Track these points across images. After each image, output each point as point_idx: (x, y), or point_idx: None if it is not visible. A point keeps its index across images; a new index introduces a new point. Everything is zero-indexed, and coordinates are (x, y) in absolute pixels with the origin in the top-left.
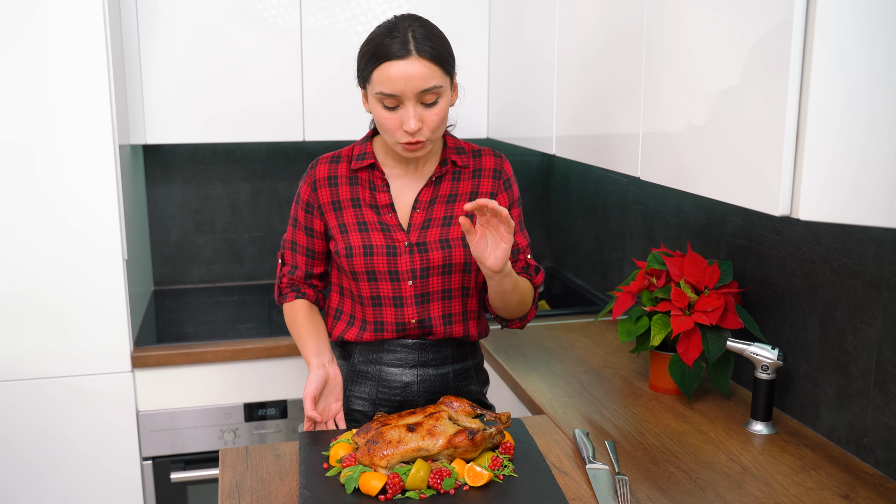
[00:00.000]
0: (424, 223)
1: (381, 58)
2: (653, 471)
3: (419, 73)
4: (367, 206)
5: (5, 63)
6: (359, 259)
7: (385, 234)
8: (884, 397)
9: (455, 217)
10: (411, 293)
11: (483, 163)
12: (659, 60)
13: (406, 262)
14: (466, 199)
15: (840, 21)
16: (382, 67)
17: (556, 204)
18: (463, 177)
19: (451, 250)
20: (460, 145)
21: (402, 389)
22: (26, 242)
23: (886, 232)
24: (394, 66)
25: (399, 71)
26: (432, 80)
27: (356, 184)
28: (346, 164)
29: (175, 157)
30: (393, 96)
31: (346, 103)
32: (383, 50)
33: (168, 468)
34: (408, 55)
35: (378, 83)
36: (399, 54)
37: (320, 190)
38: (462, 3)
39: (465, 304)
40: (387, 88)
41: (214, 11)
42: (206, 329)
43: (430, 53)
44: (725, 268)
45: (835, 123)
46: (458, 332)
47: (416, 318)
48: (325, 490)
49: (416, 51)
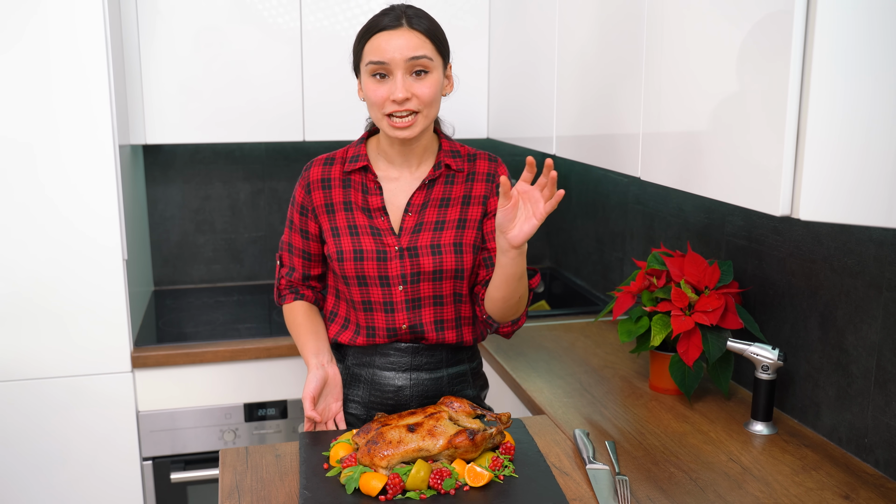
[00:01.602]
0: (416, 227)
1: (372, 30)
2: (653, 471)
3: (409, 42)
4: (359, 210)
5: (5, 63)
6: (349, 263)
7: (375, 238)
8: (884, 397)
9: (448, 221)
10: (402, 298)
11: (478, 167)
12: (659, 60)
13: (396, 266)
14: (459, 203)
15: (840, 21)
16: (373, 38)
17: None
18: (457, 180)
19: (442, 256)
20: (456, 148)
21: (394, 393)
22: (26, 242)
23: (887, 232)
24: (384, 35)
25: (389, 39)
26: (422, 49)
27: (349, 186)
28: (340, 166)
29: (175, 157)
30: (382, 63)
31: (347, 103)
32: (375, 23)
33: (168, 468)
34: (399, 26)
35: (368, 53)
36: (390, 26)
37: (314, 192)
38: (462, 3)
39: (458, 310)
40: (376, 56)
41: (214, 11)
42: (206, 329)
43: (422, 27)
44: (726, 268)
45: (835, 123)
46: (452, 338)
47: (407, 324)
48: (325, 490)
49: (408, 23)
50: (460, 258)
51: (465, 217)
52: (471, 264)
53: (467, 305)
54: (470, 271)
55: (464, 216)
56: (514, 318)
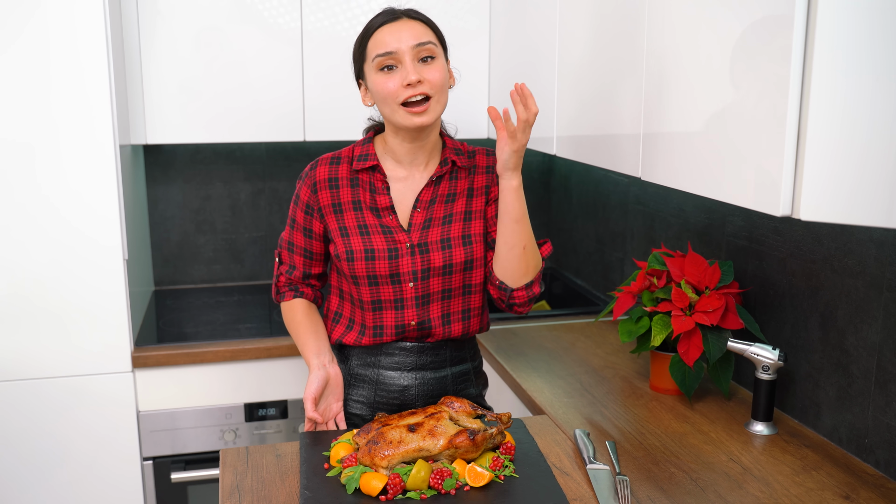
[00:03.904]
0: (425, 223)
1: (372, 28)
2: (653, 471)
3: (411, 30)
4: (368, 209)
5: (5, 63)
6: (360, 263)
7: (386, 236)
8: (885, 398)
9: (454, 214)
10: (412, 295)
11: (477, 161)
12: (660, 60)
13: (408, 263)
14: (464, 196)
15: (841, 21)
16: (376, 34)
17: (556, 204)
18: (460, 175)
19: (452, 251)
20: (458, 146)
21: (400, 393)
22: (27, 242)
23: (887, 232)
24: (386, 28)
25: (392, 30)
26: (426, 35)
27: (357, 185)
28: (347, 165)
29: (175, 157)
30: (389, 53)
31: (347, 103)
32: (373, 22)
33: (168, 468)
34: (399, 18)
35: (373, 49)
36: (390, 19)
37: (321, 192)
38: (463, 3)
39: (467, 301)
40: (382, 48)
41: (215, 11)
42: (206, 329)
43: (420, 17)
44: (726, 268)
45: (836, 124)
46: (458, 330)
47: (415, 321)
48: (325, 490)
49: (406, 15)
50: (469, 249)
51: (470, 209)
52: (480, 254)
53: (477, 296)
54: (480, 262)
55: (469, 208)
56: (527, 280)
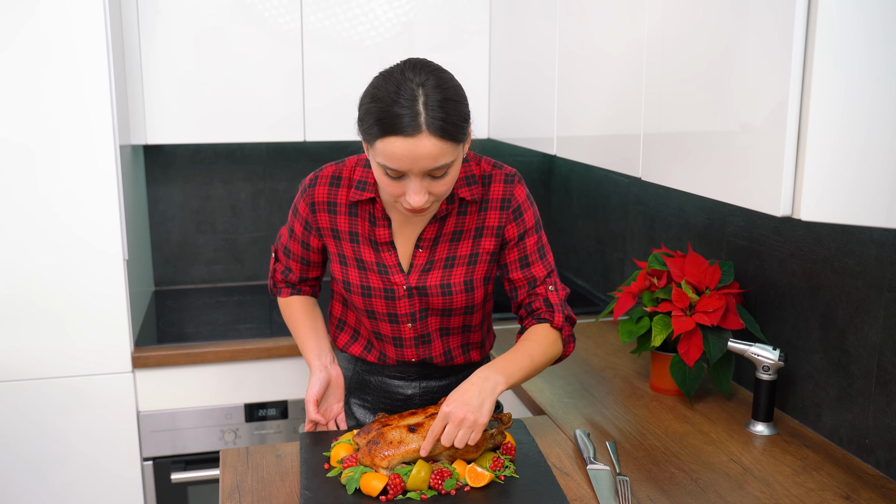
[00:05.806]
0: (426, 265)
1: (386, 130)
2: (654, 471)
3: (429, 153)
4: (366, 242)
5: (5, 63)
6: (357, 297)
7: (383, 276)
8: (885, 398)
9: (458, 257)
10: (411, 335)
11: (491, 192)
12: (660, 60)
13: (405, 305)
14: (471, 236)
15: (841, 21)
16: (388, 141)
17: (556, 204)
18: (470, 210)
19: (453, 297)
20: (471, 171)
21: (403, 401)
22: (27, 243)
23: (888, 232)
24: (400, 142)
25: (406, 149)
26: (442, 158)
27: (355, 215)
28: (346, 189)
29: (176, 157)
30: (396, 170)
31: (347, 103)
32: (390, 122)
33: (168, 468)
34: (417, 132)
35: (382, 155)
36: (408, 131)
37: (319, 213)
38: (463, 3)
39: (465, 338)
40: (391, 164)
41: (215, 11)
42: (206, 329)
43: (443, 128)
44: (726, 268)
45: (836, 124)
46: (460, 361)
47: (416, 358)
48: (325, 491)
49: (427, 126)
50: (471, 295)
51: (476, 251)
52: (482, 298)
53: (475, 333)
54: (480, 306)
55: (475, 250)
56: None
